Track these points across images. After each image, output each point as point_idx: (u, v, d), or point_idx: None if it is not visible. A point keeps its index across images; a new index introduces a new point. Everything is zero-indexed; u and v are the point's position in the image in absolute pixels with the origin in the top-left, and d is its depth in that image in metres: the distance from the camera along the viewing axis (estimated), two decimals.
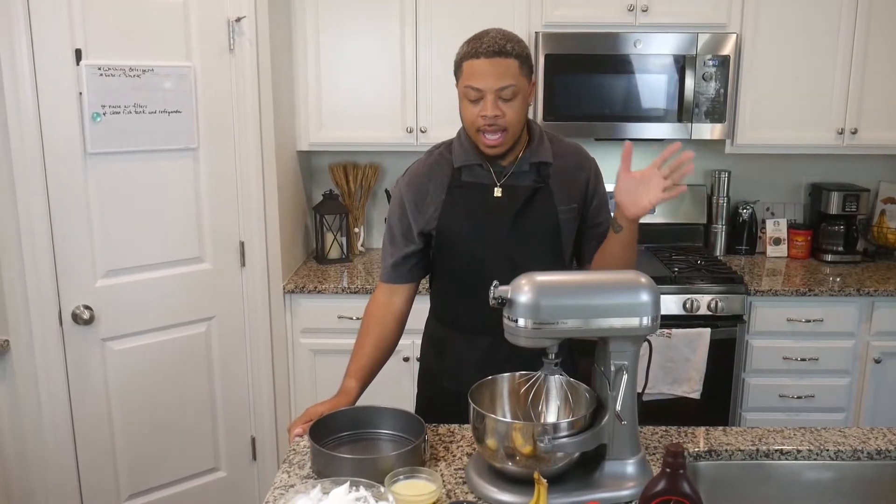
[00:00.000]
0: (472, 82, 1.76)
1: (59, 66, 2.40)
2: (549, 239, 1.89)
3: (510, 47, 1.76)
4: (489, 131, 1.79)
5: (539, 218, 1.88)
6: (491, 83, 1.75)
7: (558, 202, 1.89)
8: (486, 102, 1.76)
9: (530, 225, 1.88)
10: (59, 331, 2.53)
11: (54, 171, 2.44)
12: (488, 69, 1.74)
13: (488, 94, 1.75)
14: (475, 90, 1.76)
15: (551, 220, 1.88)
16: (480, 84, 1.76)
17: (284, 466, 1.64)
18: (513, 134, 1.82)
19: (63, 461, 2.60)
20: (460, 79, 1.81)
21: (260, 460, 3.10)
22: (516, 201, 1.87)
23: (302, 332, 3.17)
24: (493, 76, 1.75)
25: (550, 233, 1.89)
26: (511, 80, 1.76)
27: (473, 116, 1.79)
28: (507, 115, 1.77)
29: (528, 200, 1.87)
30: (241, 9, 2.74)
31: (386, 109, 3.29)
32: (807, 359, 3.15)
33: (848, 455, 1.70)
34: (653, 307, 1.48)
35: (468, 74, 1.77)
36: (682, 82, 3.19)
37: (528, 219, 1.88)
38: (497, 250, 1.87)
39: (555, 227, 1.89)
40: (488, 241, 1.88)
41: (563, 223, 1.89)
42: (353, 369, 1.92)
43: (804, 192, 3.74)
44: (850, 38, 3.22)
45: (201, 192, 2.76)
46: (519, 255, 1.86)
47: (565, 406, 1.62)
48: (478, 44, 1.76)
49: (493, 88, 1.75)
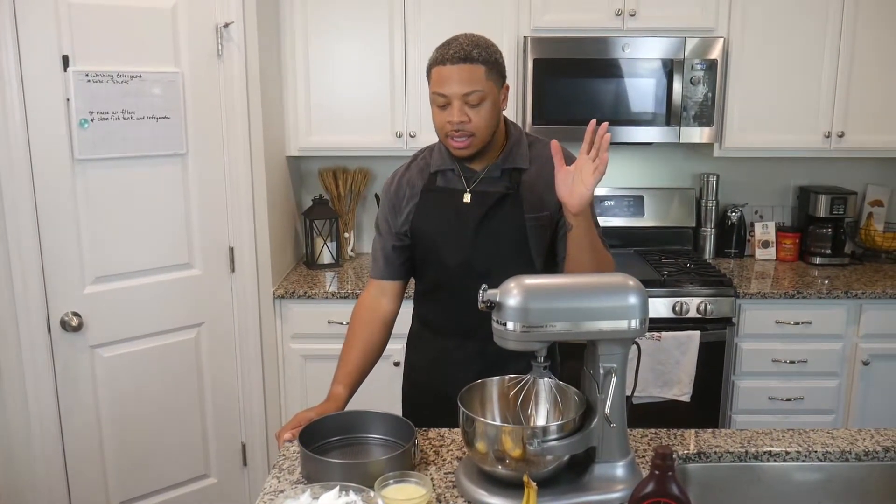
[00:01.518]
0: (439, 88, 1.77)
1: (47, 72, 2.39)
2: (515, 246, 1.87)
3: (476, 53, 1.76)
4: (456, 136, 1.79)
5: (505, 225, 1.86)
6: (456, 89, 1.75)
7: (527, 210, 1.86)
8: (453, 108, 1.76)
9: (495, 233, 1.86)
10: (48, 338, 2.52)
11: (42, 178, 2.43)
12: (454, 75, 1.75)
13: (454, 100, 1.76)
14: (442, 96, 1.77)
15: (518, 229, 1.86)
16: (446, 90, 1.76)
17: (274, 472, 1.64)
18: (481, 138, 1.81)
19: (52, 468, 2.59)
20: (430, 84, 1.81)
21: (250, 466, 3.09)
22: (483, 208, 1.86)
23: (292, 338, 3.16)
24: (458, 82, 1.75)
25: (517, 240, 1.87)
26: (477, 85, 1.75)
27: (442, 122, 1.80)
28: (473, 120, 1.77)
29: (494, 207, 1.86)
30: (230, 14, 2.74)
31: (375, 114, 3.29)
32: (796, 361, 3.16)
33: (836, 456, 1.71)
34: (641, 310, 1.48)
35: (436, 81, 1.78)
36: (670, 86, 3.20)
37: (493, 225, 1.86)
38: (463, 255, 1.88)
39: (521, 235, 1.86)
40: (455, 246, 1.88)
41: (531, 231, 1.86)
42: (340, 375, 1.92)
43: (792, 195, 3.75)
44: (837, 42, 3.24)
45: (190, 197, 2.76)
46: (482, 263, 1.85)
47: (555, 409, 1.62)
48: (445, 49, 1.77)
49: (458, 94, 1.75)
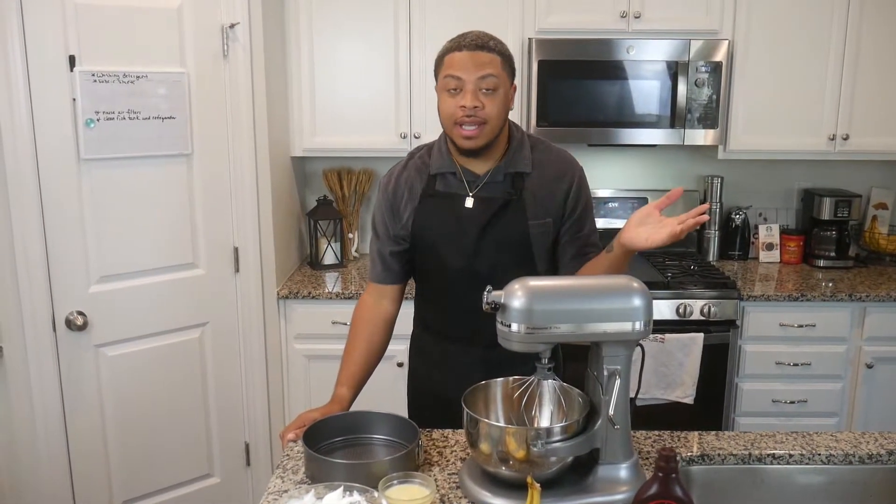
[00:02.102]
0: (453, 71, 1.74)
1: (53, 72, 2.40)
2: (519, 252, 1.86)
3: (493, 44, 1.76)
4: (467, 122, 1.75)
5: (508, 231, 1.84)
6: (472, 73, 1.73)
7: (530, 216, 1.84)
8: (466, 93, 1.74)
9: (499, 238, 1.84)
10: (53, 337, 2.52)
11: (48, 177, 2.44)
12: (469, 60, 1.74)
13: (468, 84, 1.74)
14: (455, 78, 1.74)
15: (521, 235, 1.84)
16: (461, 73, 1.74)
17: (278, 472, 1.64)
18: (491, 128, 1.78)
19: (56, 467, 2.59)
20: (440, 72, 1.79)
21: (254, 466, 3.09)
22: (486, 213, 1.84)
23: (296, 338, 3.17)
24: (474, 66, 1.73)
25: (520, 246, 1.85)
26: (493, 70, 1.74)
27: (452, 108, 1.76)
28: (486, 107, 1.74)
29: (497, 213, 1.84)
30: (235, 15, 2.74)
31: (380, 115, 3.29)
32: (799, 364, 3.16)
33: (839, 459, 1.71)
34: (645, 312, 1.48)
35: (448, 65, 1.76)
36: (674, 88, 3.20)
37: (496, 231, 1.84)
38: (465, 261, 1.85)
39: (525, 241, 1.85)
40: (457, 252, 1.86)
41: (535, 237, 1.85)
42: (344, 377, 1.92)
43: (796, 198, 3.75)
44: (842, 45, 3.24)
45: (195, 197, 2.76)
46: (486, 268, 1.83)
47: (558, 410, 1.62)
48: (461, 39, 1.77)
49: (473, 78, 1.73)
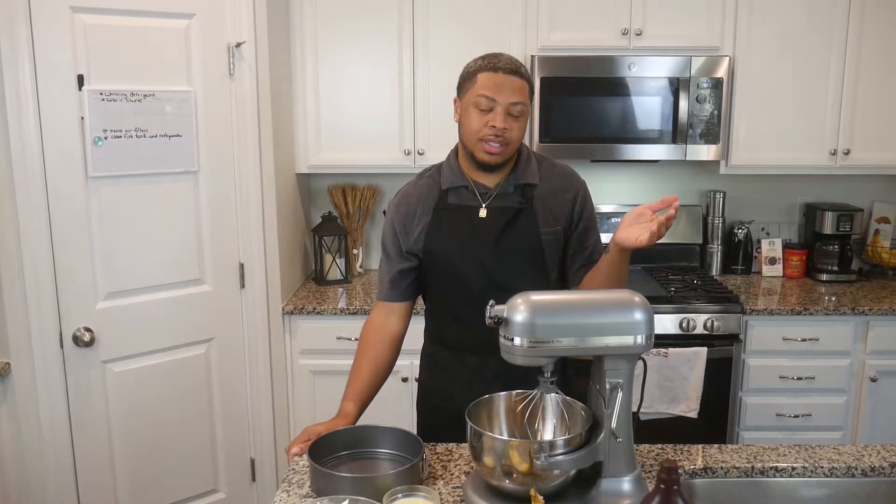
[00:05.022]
0: (487, 92, 1.81)
1: (62, 90, 2.43)
2: (532, 260, 1.90)
3: (523, 71, 1.85)
4: (493, 140, 1.82)
5: (521, 239, 1.89)
6: (506, 97, 1.81)
7: (541, 224, 1.90)
8: (497, 114, 1.81)
9: (513, 246, 1.89)
10: (60, 353, 2.54)
11: (56, 195, 2.46)
12: (507, 83, 1.81)
13: (500, 107, 1.81)
14: (489, 99, 1.81)
15: (534, 242, 1.89)
16: (496, 95, 1.81)
17: (284, 486, 1.65)
18: (512, 149, 1.87)
19: (63, 482, 2.61)
20: (471, 89, 1.84)
21: (259, 482, 3.10)
22: (500, 222, 1.89)
23: (301, 353, 3.18)
24: (510, 91, 1.81)
25: (533, 254, 1.90)
26: (522, 98, 1.83)
27: (480, 125, 1.83)
28: (512, 129, 1.83)
29: (511, 222, 1.89)
30: (242, 34, 2.78)
31: (384, 132, 3.32)
32: (803, 378, 3.16)
33: (842, 472, 1.72)
34: (647, 325, 1.50)
35: (482, 84, 1.82)
36: (676, 104, 3.23)
37: (510, 240, 1.89)
38: (481, 271, 1.89)
39: (537, 248, 1.90)
40: (472, 262, 1.90)
41: (546, 245, 1.90)
42: (350, 393, 1.93)
43: (799, 212, 3.77)
44: (842, 60, 3.27)
45: (201, 214, 2.79)
46: (502, 276, 1.87)
47: (561, 424, 1.64)
48: (495, 59, 1.84)
49: (506, 102, 1.81)
